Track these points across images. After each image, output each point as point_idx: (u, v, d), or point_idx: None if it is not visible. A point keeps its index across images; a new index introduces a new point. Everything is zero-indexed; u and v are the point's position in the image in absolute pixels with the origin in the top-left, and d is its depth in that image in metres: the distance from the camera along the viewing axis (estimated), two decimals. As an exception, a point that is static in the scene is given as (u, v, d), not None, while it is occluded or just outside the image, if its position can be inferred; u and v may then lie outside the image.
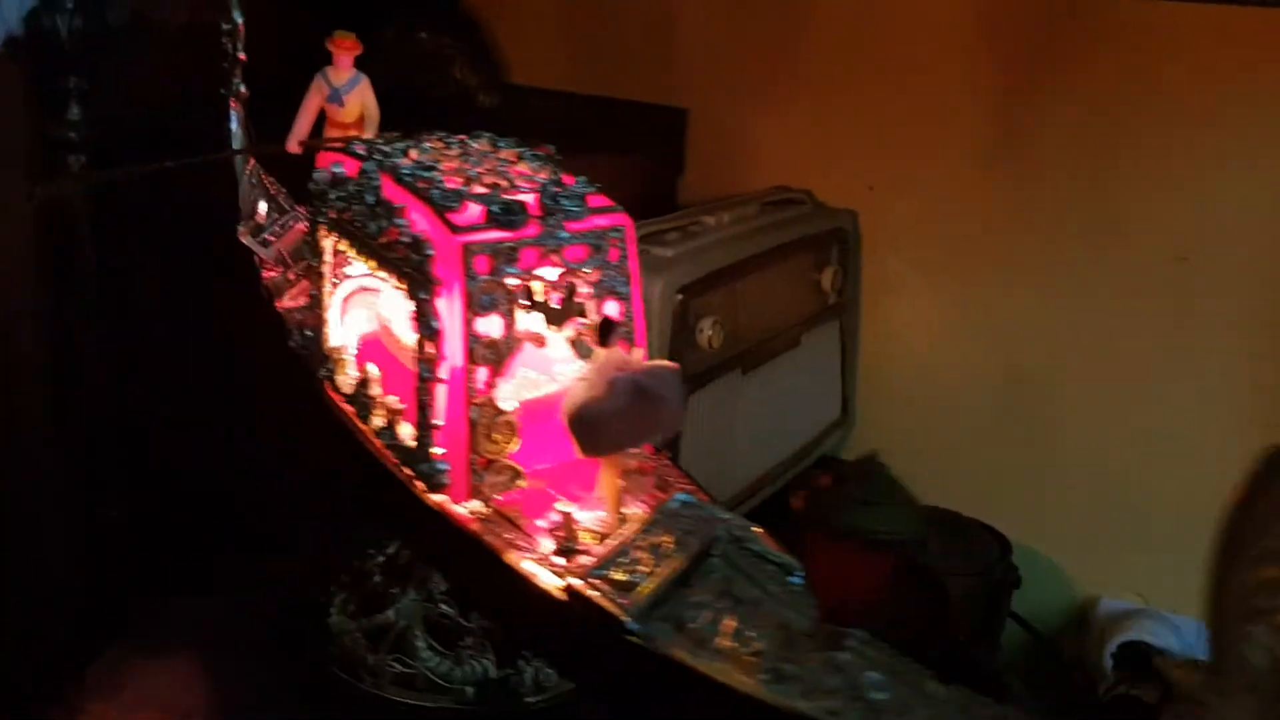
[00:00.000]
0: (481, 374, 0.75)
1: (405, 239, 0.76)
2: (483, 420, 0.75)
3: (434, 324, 0.74)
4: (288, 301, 1.09)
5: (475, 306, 0.73)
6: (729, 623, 0.62)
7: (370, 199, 0.80)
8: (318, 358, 0.95)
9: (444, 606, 1.01)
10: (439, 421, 0.76)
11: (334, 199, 0.87)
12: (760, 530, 0.70)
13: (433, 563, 0.96)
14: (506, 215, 0.75)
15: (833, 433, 1.68)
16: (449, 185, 0.78)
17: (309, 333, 0.97)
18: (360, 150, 0.87)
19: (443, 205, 0.75)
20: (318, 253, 0.93)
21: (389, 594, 1.04)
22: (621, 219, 0.80)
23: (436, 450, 0.77)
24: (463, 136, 0.91)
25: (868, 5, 1.72)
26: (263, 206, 1.20)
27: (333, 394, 0.93)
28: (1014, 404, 1.69)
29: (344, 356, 0.92)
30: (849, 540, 0.55)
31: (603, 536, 0.73)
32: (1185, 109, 1.49)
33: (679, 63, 1.98)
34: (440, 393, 0.76)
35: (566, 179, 0.82)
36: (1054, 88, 1.58)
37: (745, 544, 0.68)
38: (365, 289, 0.97)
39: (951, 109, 1.69)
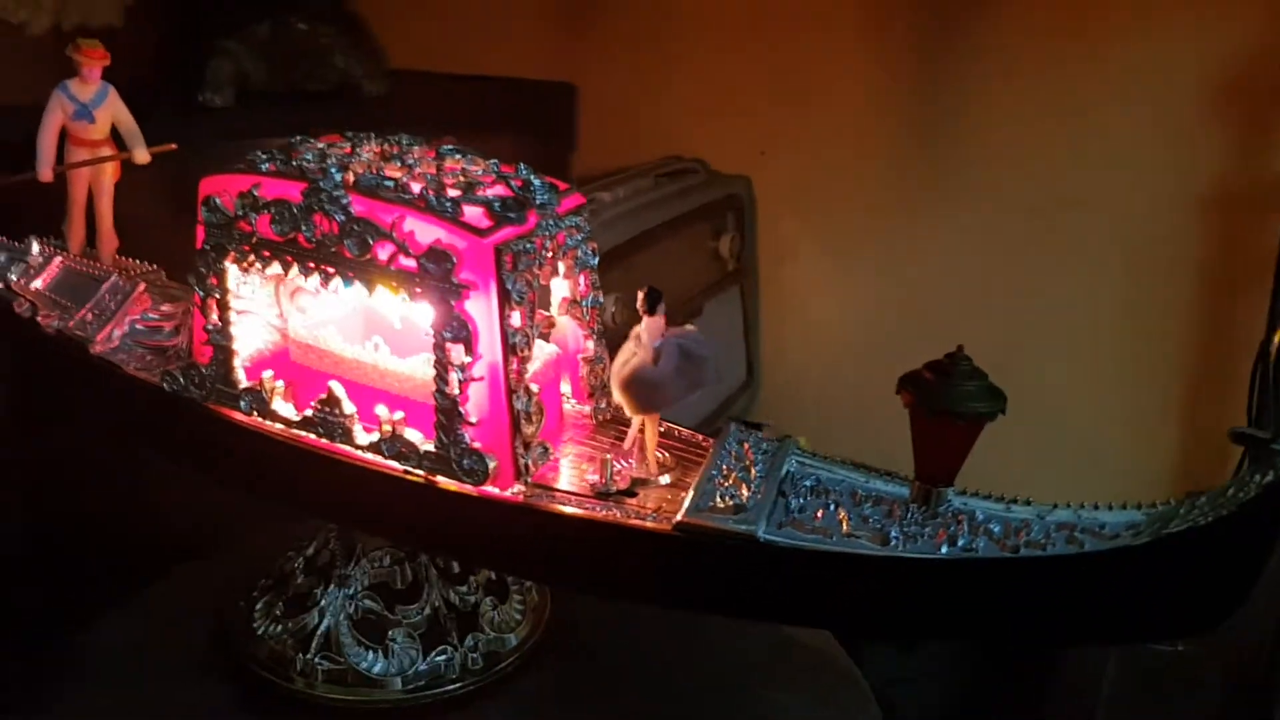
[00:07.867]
0: (514, 363, 0.79)
1: (413, 252, 0.77)
2: (521, 406, 0.80)
3: (467, 327, 0.77)
4: (102, 347, 0.99)
5: (510, 302, 0.77)
6: (842, 513, 0.75)
7: (339, 217, 0.79)
8: (222, 392, 0.90)
9: (368, 601, 1.01)
10: (473, 419, 0.79)
11: (258, 223, 0.82)
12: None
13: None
14: (514, 212, 0.78)
15: (740, 396, 1.76)
16: (431, 193, 0.80)
17: (205, 370, 0.90)
18: (288, 168, 0.83)
19: (448, 212, 0.77)
20: (211, 285, 0.87)
21: (312, 594, 1.02)
22: (580, 198, 0.86)
23: (475, 445, 0.80)
24: (335, 137, 0.89)
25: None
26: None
27: (258, 423, 0.89)
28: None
29: (272, 385, 0.88)
30: (946, 416, 0.71)
31: (646, 481, 0.82)
32: (1072, 53, 1.56)
33: (564, 37, 1.93)
34: (476, 391, 0.79)
35: (505, 168, 0.86)
36: (948, 40, 1.63)
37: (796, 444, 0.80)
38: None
39: (846, 69, 1.71)
